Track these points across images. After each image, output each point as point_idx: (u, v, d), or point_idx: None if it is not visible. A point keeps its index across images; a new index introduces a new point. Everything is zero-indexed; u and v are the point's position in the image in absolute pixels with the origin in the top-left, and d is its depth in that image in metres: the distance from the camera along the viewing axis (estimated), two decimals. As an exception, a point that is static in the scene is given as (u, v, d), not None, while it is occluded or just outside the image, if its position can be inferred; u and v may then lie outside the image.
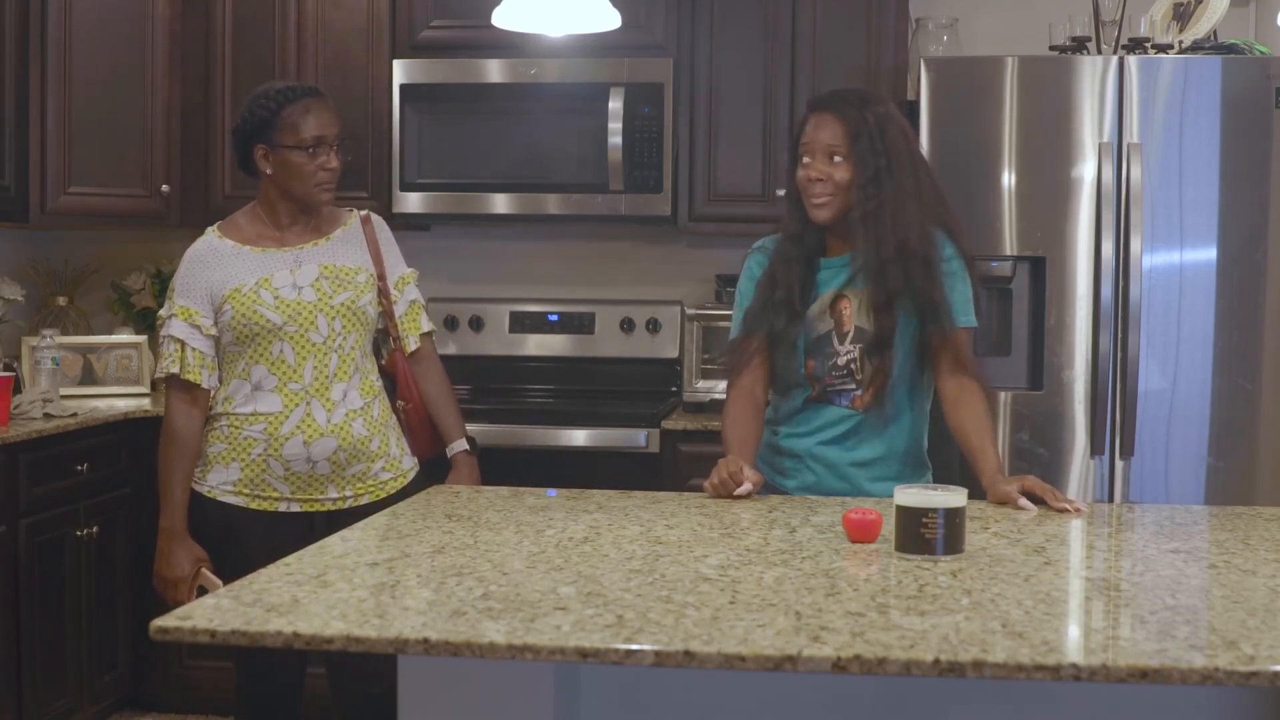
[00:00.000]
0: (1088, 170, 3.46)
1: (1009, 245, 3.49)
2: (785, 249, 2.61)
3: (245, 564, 2.03)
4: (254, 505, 2.75)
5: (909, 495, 1.97)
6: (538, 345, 4.36)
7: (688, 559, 1.95)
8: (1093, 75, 3.46)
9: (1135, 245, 3.42)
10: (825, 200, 2.52)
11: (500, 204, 4.04)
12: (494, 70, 4.01)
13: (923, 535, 1.94)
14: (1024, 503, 2.35)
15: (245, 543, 2.69)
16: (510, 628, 1.58)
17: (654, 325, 4.30)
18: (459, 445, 2.96)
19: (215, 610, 1.66)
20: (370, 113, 4.07)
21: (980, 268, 2.70)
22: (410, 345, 2.93)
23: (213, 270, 2.76)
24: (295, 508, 2.76)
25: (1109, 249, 3.43)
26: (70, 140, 3.94)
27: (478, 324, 4.36)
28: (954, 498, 1.97)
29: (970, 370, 2.53)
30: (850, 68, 3.89)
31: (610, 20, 2.70)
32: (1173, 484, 3.47)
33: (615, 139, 3.91)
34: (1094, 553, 2.14)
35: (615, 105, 3.91)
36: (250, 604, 1.69)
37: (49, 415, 3.60)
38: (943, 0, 4.22)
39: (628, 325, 4.31)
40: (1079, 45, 3.65)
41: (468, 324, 4.36)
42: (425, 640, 1.55)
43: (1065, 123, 3.47)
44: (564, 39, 3.68)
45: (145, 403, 4.00)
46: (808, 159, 2.54)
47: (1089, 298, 3.46)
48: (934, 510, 1.94)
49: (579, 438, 3.79)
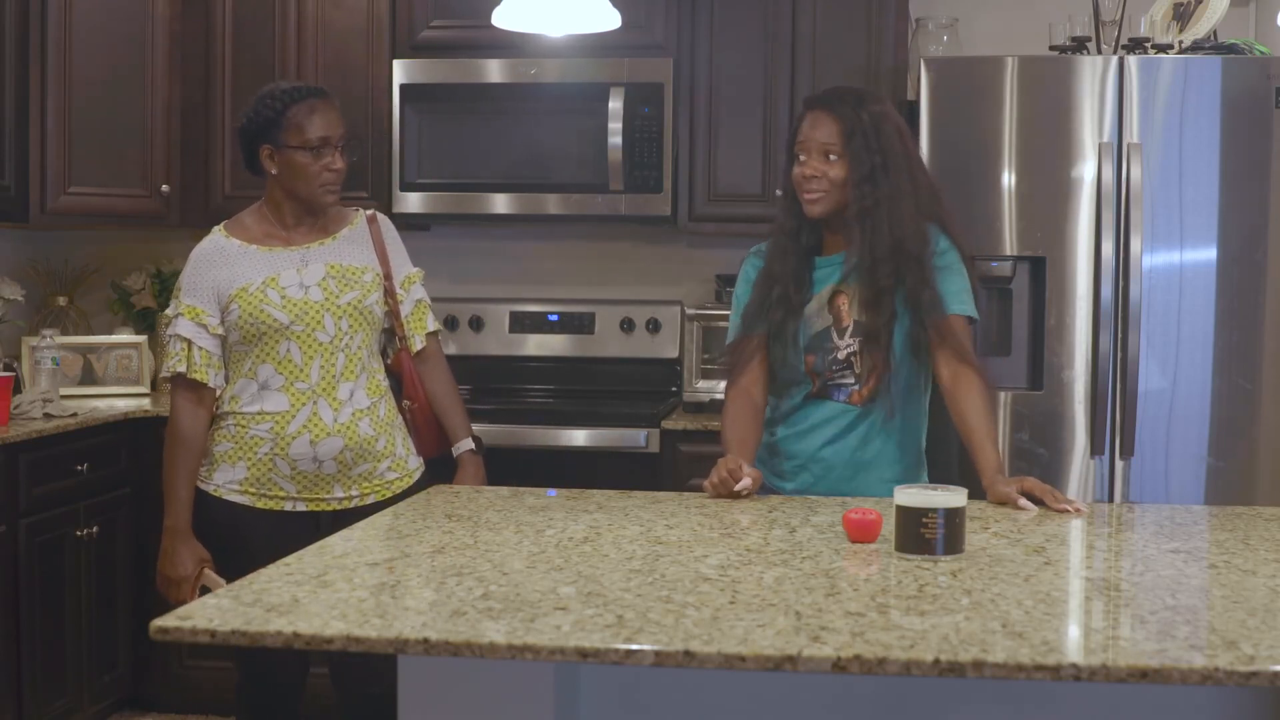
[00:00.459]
0: (1088, 170, 3.46)
1: (1009, 245, 3.49)
2: (782, 245, 2.61)
3: (250, 563, 2.02)
4: (260, 504, 2.75)
5: (909, 495, 1.97)
6: (538, 345, 4.36)
7: (688, 559, 1.95)
8: (1093, 75, 3.46)
9: (1135, 245, 3.42)
10: (819, 196, 2.53)
11: (500, 204, 4.04)
12: (494, 70, 4.01)
13: (923, 535, 1.95)
14: (1024, 503, 2.35)
15: (250, 542, 2.69)
16: (510, 628, 1.58)
17: (654, 325, 4.30)
18: (465, 445, 2.96)
19: (215, 610, 1.66)
20: (370, 113, 4.07)
21: (980, 268, 2.70)
22: (416, 345, 2.93)
23: (219, 269, 2.75)
24: (301, 507, 2.76)
25: (1109, 249, 3.43)
26: (70, 140, 3.94)
27: (478, 324, 4.36)
28: (954, 498, 1.97)
29: (969, 360, 2.51)
30: (850, 68, 3.89)
31: (610, 20, 2.70)
32: (1173, 484, 3.47)
33: (615, 139, 3.91)
34: (1094, 553, 2.14)
35: (615, 105, 3.90)
36: (250, 604, 1.69)
37: (49, 415, 3.60)
38: (943, 0, 4.22)
39: (628, 325, 4.31)
40: (1079, 45, 3.64)
41: (468, 324, 4.36)
42: (425, 640, 1.55)
43: (1065, 123, 3.47)
44: (564, 39, 3.68)
45: (145, 403, 4.00)
46: (803, 157, 2.54)
47: (1089, 298, 3.46)
48: (934, 510, 1.94)
49: (579, 438, 3.79)
